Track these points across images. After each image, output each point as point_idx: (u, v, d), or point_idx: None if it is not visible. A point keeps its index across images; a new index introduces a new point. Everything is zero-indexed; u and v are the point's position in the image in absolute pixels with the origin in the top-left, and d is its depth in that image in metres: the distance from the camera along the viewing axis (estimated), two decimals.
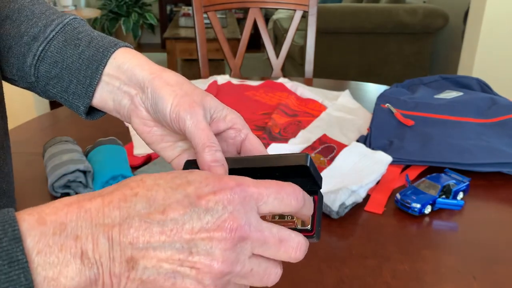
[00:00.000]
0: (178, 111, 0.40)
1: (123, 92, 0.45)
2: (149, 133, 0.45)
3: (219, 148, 0.39)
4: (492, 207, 0.78)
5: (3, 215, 0.28)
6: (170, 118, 0.41)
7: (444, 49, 3.73)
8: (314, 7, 1.57)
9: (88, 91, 0.46)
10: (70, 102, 0.48)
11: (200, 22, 1.54)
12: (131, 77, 0.44)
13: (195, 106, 0.40)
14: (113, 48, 0.46)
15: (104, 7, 5.44)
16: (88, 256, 0.28)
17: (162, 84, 0.42)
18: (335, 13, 3.14)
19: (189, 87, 0.42)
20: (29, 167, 0.87)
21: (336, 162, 0.83)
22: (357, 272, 0.61)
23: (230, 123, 0.43)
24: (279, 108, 1.11)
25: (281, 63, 1.61)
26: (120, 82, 0.45)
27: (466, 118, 1.01)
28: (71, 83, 0.47)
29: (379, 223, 0.73)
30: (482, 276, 0.61)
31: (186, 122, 0.40)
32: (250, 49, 2.84)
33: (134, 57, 0.45)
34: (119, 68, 0.45)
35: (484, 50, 2.40)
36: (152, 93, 0.42)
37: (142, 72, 0.44)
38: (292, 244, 0.33)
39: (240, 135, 0.43)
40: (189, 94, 0.41)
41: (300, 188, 0.34)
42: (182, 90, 0.42)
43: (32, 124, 1.11)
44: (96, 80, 0.46)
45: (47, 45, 0.48)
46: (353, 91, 1.28)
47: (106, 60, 0.45)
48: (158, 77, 0.43)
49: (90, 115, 0.50)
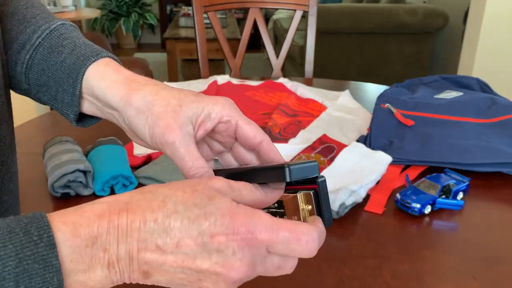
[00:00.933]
0: (156, 142, 0.40)
1: (107, 112, 0.45)
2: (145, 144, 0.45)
3: (206, 168, 0.39)
4: (492, 207, 0.78)
5: (37, 221, 0.31)
6: (153, 147, 0.42)
7: (444, 49, 3.73)
8: (314, 7, 1.57)
9: (73, 100, 0.46)
10: (60, 110, 0.48)
11: (200, 22, 1.54)
12: (106, 103, 0.44)
13: (171, 132, 0.39)
14: (93, 58, 0.45)
15: (104, 7, 5.44)
16: (114, 266, 0.32)
17: (134, 113, 0.41)
18: (335, 13, 3.14)
19: (160, 104, 0.40)
20: (29, 167, 0.87)
21: (336, 162, 0.83)
22: (357, 272, 0.61)
23: (216, 119, 0.41)
24: (279, 108, 1.11)
25: (281, 63, 1.61)
26: (101, 104, 0.45)
27: (466, 118, 1.01)
28: (57, 91, 0.46)
29: (379, 223, 0.73)
30: (482, 276, 0.61)
31: (167, 152, 0.40)
32: (250, 49, 2.84)
33: (103, 78, 0.44)
34: (93, 91, 0.45)
35: (484, 50, 2.40)
36: (129, 123, 0.42)
37: (113, 97, 0.43)
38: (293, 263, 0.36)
39: (231, 126, 0.42)
40: (161, 116, 0.40)
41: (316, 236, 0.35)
42: (153, 114, 0.40)
43: (32, 124, 1.11)
44: (77, 89, 0.45)
45: (34, 52, 0.47)
46: (353, 91, 1.28)
47: (84, 70, 0.45)
48: (127, 105, 0.42)
49: (81, 122, 0.50)
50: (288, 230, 0.34)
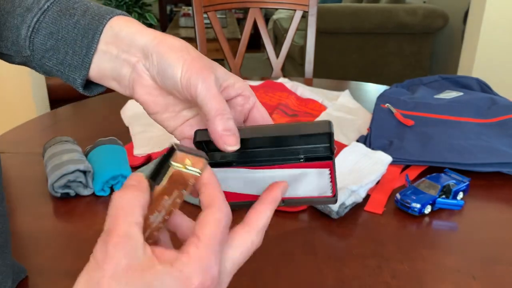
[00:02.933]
0: (189, 77, 0.39)
1: (122, 61, 0.43)
2: (153, 103, 0.44)
3: (231, 116, 0.38)
4: (492, 207, 0.78)
5: None
6: (181, 85, 0.40)
7: (444, 49, 3.73)
8: (314, 7, 1.57)
9: (85, 61, 0.44)
10: (66, 75, 0.46)
11: (200, 22, 1.54)
12: (131, 43, 0.42)
13: (206, 71, 0.39)
14: (109, 15, 0.44)
15: None
16: None
17: (167, 49, 0.40)
18: (335, 13, 3.14)
19: (196, 52, 0.41)
20: (29, 167, 0.87)
21: (336, 162, 0.83)
22: (357, 272, 0.61)
23: (239, 90, 0.42)
24: (279, 108, 1.11)
25: (281, 63, 1.61)
26: (119, 50, 0.43)
27: (466, 118, 1.01)
28: (67, 54, 0.45)
29: (379, 223, 0.73)
30: (482, 276, 0.61)
31: (197, 88, 0.38)
32: (250, 49, 2.84)
33: (132, 24, 0.43)
34: (117, 35, 0.43)
35: (484, 50, 2.40)
36: (159, 59, 0.41)
37: (143, 37, 0.42)
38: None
39: (249, 102, 0.42)
40: (198, 59, 0.40)
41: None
42: (190, 55, 0.40)
43: (32, 124, 1.11)
44: (92, 49, 0.44)
45: (42, 16, 0.45)
46: (353, 91, 1.28)
47: (102, 28, 0.43)
48: (162, 43, 0.41)
49: (88, 90, 0.48)
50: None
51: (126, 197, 0.34)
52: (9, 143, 0.99)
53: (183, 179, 0.36)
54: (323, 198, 0.41)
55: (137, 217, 0.33)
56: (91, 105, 1.23)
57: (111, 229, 0.32)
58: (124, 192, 0.34)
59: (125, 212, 0.33)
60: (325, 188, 0.42)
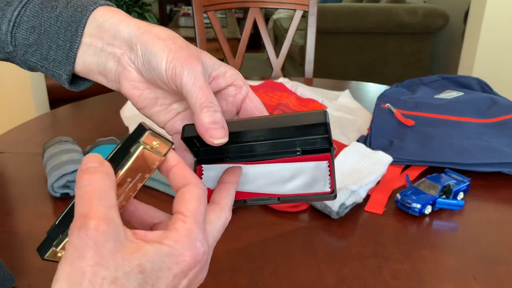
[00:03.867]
0: (174, 66, 0.37)
1: (107, 54, 0.41)
2: (141, 97, 0.42)
3: (219, 108, 0.37)
4: (492, 207, 0.78)
5: None
6: (166, 75, 0.38)
7: (444, 49, 3.73)
8: (314, 7, 1.57)
9: (69, 56, 0.42)
10: (51, 71, 0.44)
11: (200, 22, 1.54)
12: (115, 35, 0.40)
13: (193, 61, 0.37)
14: (92, 7, 0.42)
15: None
16: None
17: (152, 38, 0.38)
18: (335, 13, 3.14)
19: (183, 41, 0.39)
20: (29, 167, 0.87)
21: (336, 162, 0.83)
22: (357, 272, 0.61)
23: (230, 79, 0.40)
24: (279, 108, 1.11)
25: (281, 63, 1.61)
26: (103, 42, 0.41)
27: (466, 118, 1.01)
28: (50, 49, 0.43)
29: (379, 223, 0.73)
30: (482, 276, 0.61)
31: (183, 78, 0.37)
32: (250, 49, 2.84)
33: (116, 14, 0.41)
34: (101, 27, 0.41)
35: (484, 50, 2.40)
36: (143, 49, 0.39)
37: (127, 28, 0.40)
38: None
39: (241, 92, 0.40)
40: (184, 48, 0.38)
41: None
42: (176, 44, 0.38)
43: (32, 124, 1.11)
44: (76, 43, 0.42)
45: (22, 9, 0.43)
46: (353, 91, 1.28)
47: (85, 20, 0.41)
48: (146, 32, 0.39)
49: (74, 85, 0.46)
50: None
51: (96, 180, 0.31)
52: (9, 143, 0.99)
53: (148, 161, 0.34)
54: (320, 194, 0.38)
55: (112, 199, 0.31)
56: (91, 105, 1.23)
57: (86, 213, 0.29)
58: (92, 175, 0.32)
59: (99, 196, 0.30)
60: (323, 182, 0.39)
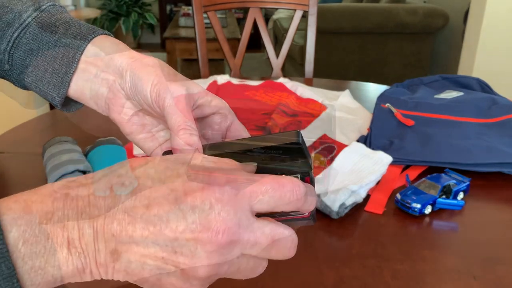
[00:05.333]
0: (159, 89, 0.38)
1: (101, 80, 0.43)
2: (128, 123, 0.43)
3: (196, 132, 0.37)
4: (492, 207, 0.78)
5: None
6: (151, 97, 0.39)
7: (444, 49, 3.73)
8: (314, 7, 1.57)
9: (64, 80, 0.44)
10: (45, 93, 0.45)
11: (200, 22, 1.54)
12: (109, 62, 0.42)
13: (177, 85, 0.39)
14: (91, 36, 0.44)
15: (104, 7, 5.44)
16: (75, 245, 0.28)
17: (141, 65, 0.41)
18: (335, 13, 3.14)
19: (171, 69, 0.41)
20: (29, 167, 0.87)
21: (336, 162, 0.83)
22: (357, 272, 0.61)
23: (215, 108, 0.41)
24: (279, 108, 1.11)
25: (281, 63, 1.61)
26: (98, 69, 0.43)
27: (466, 118, 1.01)
28: (46, 72, 0.44)
29: (379, 223, 0.73)
30: (482, 276, 0.61)
31: (165, 100, 0.38)
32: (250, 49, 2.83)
33: (113, 44, 0.44)
34: (97, 55, 0.43)
35: (484, 50, 2.40)
36: (132, 75, 0.41)
37: (121, 57, 0.42)
38: (286, 243, 0.32)
39: (226, 121, 0.42)
40: (172, 74, 0.40)
41: (300, 183, 0.32)
42: (163, 70, 0.40)
43: (32, 124, 1.11)
44: (72, 68, 0.43)
45: (22, 31, 0.45)
46: (353, 91, 1.28)
47: (83, 47, 0.43)
48: (138, 61, 0.41)
49: (66, 107, 0.48)
50: (271, 179, 0.31)
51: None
52: (9, 143, 0.99)
53: None
54: (299, 218, 0.36)
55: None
56: None
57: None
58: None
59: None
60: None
